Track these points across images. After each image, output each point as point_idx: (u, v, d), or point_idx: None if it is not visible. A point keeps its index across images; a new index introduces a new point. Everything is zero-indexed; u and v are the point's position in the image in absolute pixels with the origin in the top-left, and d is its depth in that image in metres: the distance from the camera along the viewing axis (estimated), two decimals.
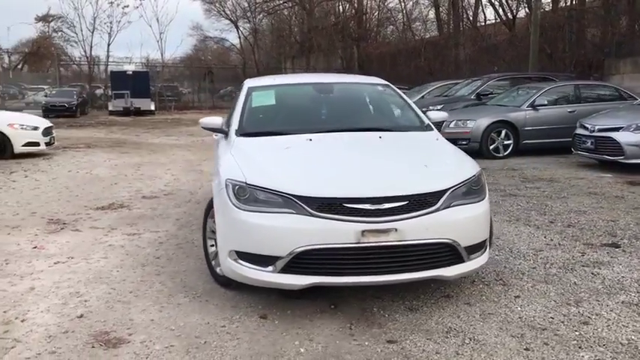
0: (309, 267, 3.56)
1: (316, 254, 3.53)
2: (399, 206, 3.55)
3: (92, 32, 36.98)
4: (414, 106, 5.12)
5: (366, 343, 3.37)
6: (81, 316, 3.82)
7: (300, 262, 3.55)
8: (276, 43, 48.40)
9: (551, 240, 5.44)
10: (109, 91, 32.02)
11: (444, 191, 3.68)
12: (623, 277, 4.40)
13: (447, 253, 3.67)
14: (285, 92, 5.42)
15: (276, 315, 3.79)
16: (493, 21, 26.03)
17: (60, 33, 63.18)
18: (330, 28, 38.16)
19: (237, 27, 42.69)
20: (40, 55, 59.47)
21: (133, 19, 70.58)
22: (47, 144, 13.30)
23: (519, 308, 3.83)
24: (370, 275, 3.58)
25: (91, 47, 37.43)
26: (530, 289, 4.17)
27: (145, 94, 29.78)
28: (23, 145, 12.79)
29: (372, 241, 3.49)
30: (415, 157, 4.07)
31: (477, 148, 11.45)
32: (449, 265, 3.70)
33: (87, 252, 5.27)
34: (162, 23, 50.04)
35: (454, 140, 11.49)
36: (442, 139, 4.60)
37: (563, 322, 3.61)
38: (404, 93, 18.20)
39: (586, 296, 4.02)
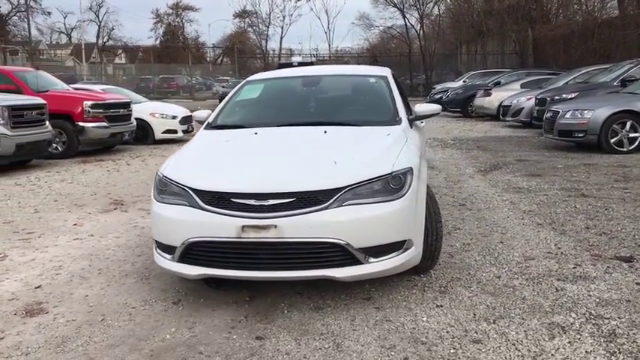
0: (200, 258, 3.69)
1: (204, 246, 3.65)
2: (282, 203, 3.50)
3: (267, 26, 39.43)
4: (397, 100, 4.86)
5: (234, 337, 3.41)
6: (38, 287, 4.35)
7: (191, 253, 3.69)
8: (451, 29, 47.17)
9: (559, 248, 4.85)
10: None
11: (337, 189, 3.53)
12: (590, 295, 3.82)
13: (337, 253, 3.53)
14: (272, 86, 5.49)
15: (189, 302, 3.96)
16: None
17: (254, 28, 68.56)
18: (504, 10, 36.19)
19: (403, 15, 42.52)
20: (237, 50, 65.04)
21: (304, 13, 74.04)
22: (185, 131, 14.69)
23: (425, 319, 3.55)
24: (253, 270, 3.60)
25: (266, 40, 39.91)
26: (463, 300, 3.82)
27: None
28: (162, 132, 14.31)
29: (251, 236, 3.50)
30: (334, 153, 3.90)
31: (594, 141, 10.29)
32: (340, 266, 3.55)
33: (109, 231, 5.89)
34: (330, 15, 51.71)
35: (569, 132, 10.58)
36: (395, 134, 4.31)
37: (454, 338, 3.29)
38: (552, 79, 16.60)
39: (516, 313, 3.58)
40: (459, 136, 14.65)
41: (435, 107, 5.05)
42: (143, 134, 14.00)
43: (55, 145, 11.55)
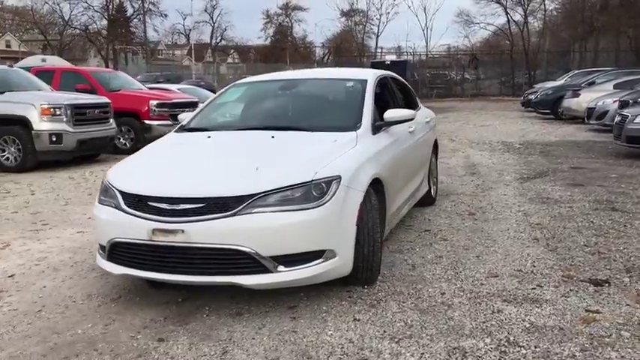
0: (121, 258, 3.82)
1: (124, 247, 3.77)
2: (193, 208, 3.54)
3: (364, 25, 39.47)
4: (365, 105, 4.68)
5: (139, 337, 3.48)
6: (11, 275, 4.67)
7: (115, 253, 3.83)
8: (564, 25, 44.68)
9: (534, 266, 4.50)
10: None
11: (249, 195, 3.51)
12: (524, 320, 3.53)
13: (244, 260, 3.50)
14: (251, 89, 5.49)
15: (126, 299, 4.09)
16: None
17: (359, 26, 68.95)
18: (619, 4, 33.79)
19: (506, 11, 40.81)
20: (341, 49, 65.82)
21: (401, 11, 73.24)
22: None
23: (331, 332, 3.44)
24: (164, 273, 3.66)
25: (363, 38, 39.95)
26: (385, 316, 3.65)
27: None
28: None
29: (160, 240, 3.57)
30: (264, 159, 3.87)
31: None
32: (248, 273, 3.53)
33: None
34: (428, 12, 50.87)
35: (638, 138, 9.69)
36: (342, 141, 4.14)
37: (343, 355, 3.16)
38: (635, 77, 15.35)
39: (430, 333, 3.38)
40: (531, 139, 13.89)
41: (407, 113, 4.84)
42: None
43: (123, 141, 12.32)
